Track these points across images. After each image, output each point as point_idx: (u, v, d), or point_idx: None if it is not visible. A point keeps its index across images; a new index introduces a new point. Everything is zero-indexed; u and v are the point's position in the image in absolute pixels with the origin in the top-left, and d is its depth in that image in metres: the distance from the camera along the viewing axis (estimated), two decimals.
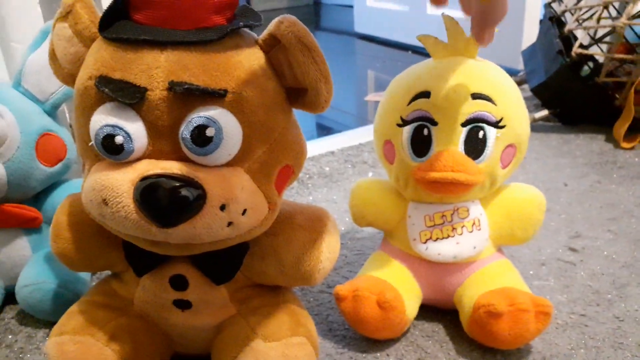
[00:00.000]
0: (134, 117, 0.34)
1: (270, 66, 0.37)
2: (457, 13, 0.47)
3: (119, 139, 0.34)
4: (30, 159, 0.54)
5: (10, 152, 0.52)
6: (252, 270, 0.43)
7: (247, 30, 0.38)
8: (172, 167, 0.34)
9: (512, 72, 0.53)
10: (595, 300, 0.56)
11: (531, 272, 0.61)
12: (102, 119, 0.34)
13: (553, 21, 1.06)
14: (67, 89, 0.57)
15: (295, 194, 0.85)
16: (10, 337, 0.55)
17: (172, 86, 0.33)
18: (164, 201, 0.33)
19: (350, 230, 0.72)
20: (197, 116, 0.34)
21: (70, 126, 0.72)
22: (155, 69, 0.34)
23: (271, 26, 0.36)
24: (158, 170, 0.33)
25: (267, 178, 0.38)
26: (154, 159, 0.35)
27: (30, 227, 0.57)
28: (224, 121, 0.34)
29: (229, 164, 0.36)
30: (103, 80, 0.34)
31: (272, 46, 0.37)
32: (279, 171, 0.39)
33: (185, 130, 0.34)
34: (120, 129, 0.34)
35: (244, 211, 0.36)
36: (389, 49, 1.97)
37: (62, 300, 0.54)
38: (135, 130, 0.34)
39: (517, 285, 0.49)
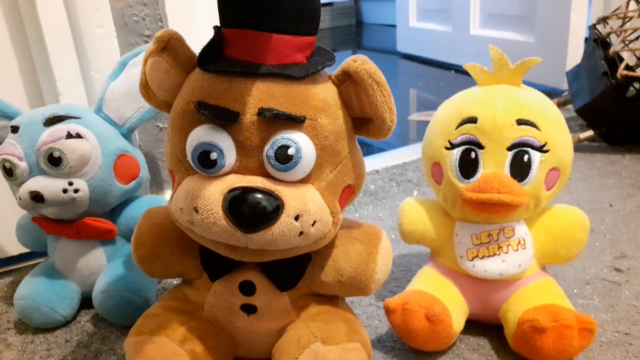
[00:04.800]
0: (227, 137, 0.40)
1: (341, 98, 0.42)
2: (489, 32, 0.50)
3: (213, 155, 0.39)
4: (109, 177, 0.59)
5: (93, 171, 0.58)
6: (313, 279, 0.47)
7: None
8: (256, 181, 0.39)
9: (556, 93, 0.55)
10: None
11: (575, 291, 0.63)
12: (199, 137, 0.40)
13: (598, 43, 1.07)
14: (142, 114, 0.63)
15: None
16: (86, 338, 0.61)
17: (262, 112, 0.39)
18: (247, 210, 0.38)
19: (397, 247, 0.75)
20: (281, 137, 0.39)
21: (140, 146, 0.78)
22: (247, 96, 0.39)
23: (344, 64, 0.41)
24: (244, 183, 0.39)
25: (333, 195, 0.42)
26: (240, 174, 0.40)
27: (107, 238, 0.63)
28: (303, 143, 0.39)
29: (302, 181, 0.41)
30: (201, 105, 0.40)
31: (343, 81, 0.42)
32: (343, 190, 0.43)
33: (270, 150, 0.39)
34: (215, 146, 0.39)
35: (314, 223, 0.40)
36: (431, 68, 2.00)
37: (133, 306, 0.59)
38: (227, 148, 0.40)
39: (561, 303, 0.51)
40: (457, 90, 0.57)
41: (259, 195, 0.38)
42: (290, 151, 0.39)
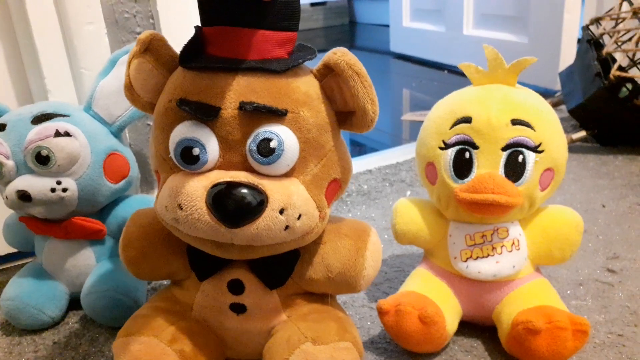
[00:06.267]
0: (209, 133, 0.39)
1: (323, 92, 0.42)
2: (482, 33, 0.50)
3: (195, 151, 0.39)
4: (99, 177, 0.58)
5: (82, 170, 0.57)
6: (302, 276, 0.47)
7: None
8: (240, 175, 0.39)
9: (549, 93, 0.55)
10: (634, 321, 0.57)
11: (569, 292, 0.63)
12: (181, 133, 0.40)
13: (591, 44, 1.07)
14: (132, 112, 0.62)
15: (334, 211, 0.88)
16: (75, 340, 0.60)
17: (243, 105, 0.39)
18: (232, 204, 0.38)
19: (390, 248, 0.75)
20: (263, 131, 0.39)
21: (130, 145, 0.77)
22: (228, 91, 0.39)
23: (325, 57, 0.41)
24: (227, 178, 0.39)
25: (319, 189, 0.42)
26: (223, 169, 0.40)
27: (96, 238, 0.62)
28: (285, 136, 0.39)
29: (286, 175, 0.40)
30: (183, 102, 0.40)
31: (325, 75, 0.42)
32: (329, 184, 0.43)
33: (252, 143, 0.39)
34: (197, 141, 0.39)
35: (299, 216, 0.40)
36: (424, 68, 2.00)
37: (123, 307, 0.58)
38: (209, 143, 0.39)
39: (555, 304, 0.51)
40: (451, 90, 0.56)
41: (243, 190, 0.38)
42: (273, 144, 0.39)
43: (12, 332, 0.62)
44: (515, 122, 0.50)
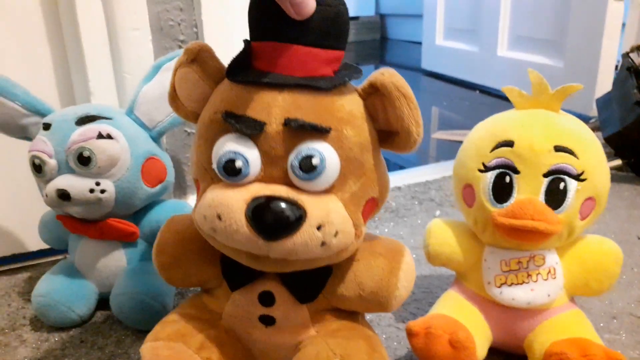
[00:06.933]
0: (252, 146, 0.40)
1: (367, 111, 0.42)
2: (517, 55, 0.49)
3: (238, 164, 0.39)
4: (136, 180, 0.59)
5: (121, 172, 0.58)
6: (333, 293, 0.46)
7: None
8: (280, 190, 0.39)
9: (584, 119, 0.54)
10: None
11: (602, 325, 0.61)
12: (225, 146, 0.40)
13: (631, 71, 1.05)
14: (173, 119, 0.63)
15: None
16: (101, 340, 0.60)
17: (288, 122, 0.39)
18: (270, 218, 0.38)
19: (418, 268, 0.74)
20: (306, 147, 0.39)
21: (166, 150, 0.78)
22: (273, 107, 0.39)
23: (372, 77, 0.41)
24: (268, 192, 0.39)
25: (356, 207, 0.42)
26: (264, 182, 0.40)
27: (129, 240, 0.62)
28: (327, 153, 0.39)
29: (326, 191, 0.40)
30: (228, 115, 0.40)
31: (369, 94, 0.42)
32: (366, 202, 0.43)
33: (294, 159, 0.39)
34: (241, 155, 0.39)
35: (336, 233, 0.40)
36: (455, 87, 1.99)
37: (150, 310, 0.59)
38: (252, 157, 0.40)
39: (590, 337, 0.50)
40: (482, 111, 0.56)
41: (282, 204, 0.38)
42: (315, 161, 0.39)
43: (41, 329, 0.63)
44: (558, 148, 0.49)
